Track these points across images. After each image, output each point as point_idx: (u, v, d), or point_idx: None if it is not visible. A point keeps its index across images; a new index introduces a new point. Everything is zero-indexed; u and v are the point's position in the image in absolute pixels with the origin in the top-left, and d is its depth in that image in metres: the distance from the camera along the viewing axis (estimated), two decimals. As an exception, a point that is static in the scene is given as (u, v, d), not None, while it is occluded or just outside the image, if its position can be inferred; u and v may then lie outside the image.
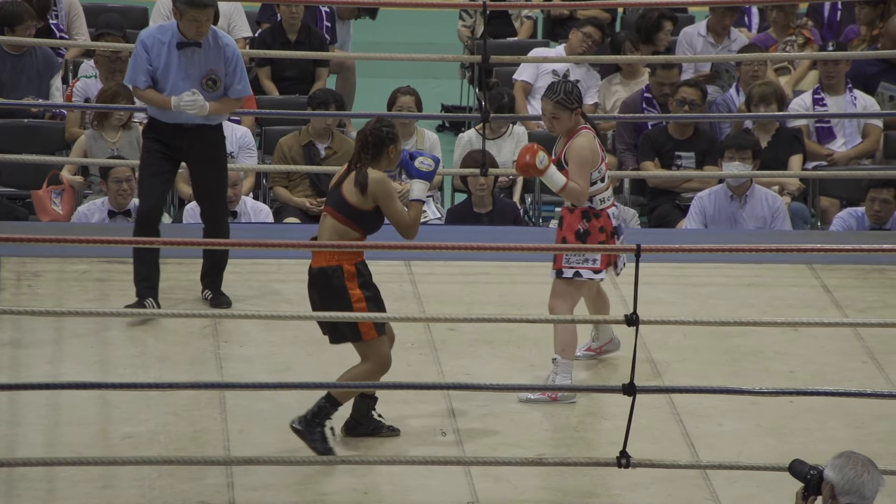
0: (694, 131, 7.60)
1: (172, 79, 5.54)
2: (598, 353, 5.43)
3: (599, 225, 5.14)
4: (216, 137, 5.69)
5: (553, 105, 5.14)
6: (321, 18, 8.78)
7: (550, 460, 4.75)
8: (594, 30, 8.05)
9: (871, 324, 5.45)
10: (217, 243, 5.69)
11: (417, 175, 4.86)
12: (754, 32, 8.76)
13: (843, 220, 7.03)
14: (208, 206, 5.70)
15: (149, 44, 5.57)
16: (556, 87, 5.18)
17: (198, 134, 5.60)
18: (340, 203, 4.79)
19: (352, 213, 4.78)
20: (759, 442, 4.95)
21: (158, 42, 5.56)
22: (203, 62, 5.55)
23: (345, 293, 4.73)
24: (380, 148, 4.81)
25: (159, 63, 5.54)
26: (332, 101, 7.58)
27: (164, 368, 5.29)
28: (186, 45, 5.53)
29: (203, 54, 5.55)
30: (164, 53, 5.54)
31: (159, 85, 5.57)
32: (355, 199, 4.77)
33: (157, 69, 5.55)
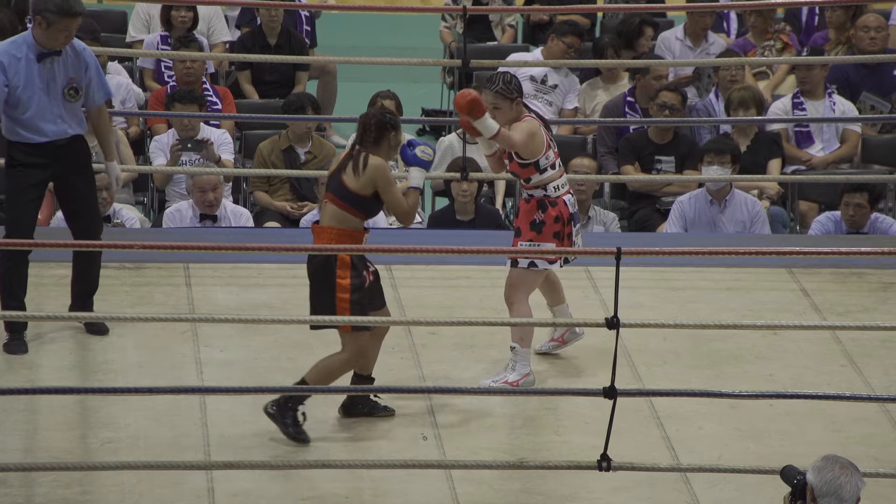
0: (674, 136, 7.62)
1: (35, 92, 5.28)
2: (562, 342, 5.45)
3: (555, 214, 5.18)
4: (87, 149, 5.45)
5: (493, 95, 5.14)
6: (301, 22, 8.78)
7: (531, 464, 4.75)
8: (575, 39, 8.08)
9: (850, 327, 5.48)
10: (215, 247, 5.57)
11: (417, 163, 4.88)
12: (733, 38, 8.80)
13: (822, 223, 7.06)
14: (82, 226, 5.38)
15: (5, 62, 5.28)
16: (494, 77, 5.17)
17: (71, 147, 5.36)
18: (340, 189, 4.80)
19: (351, 198, 4.78)
20: (738, 445, 4.97)
21: (14, 58, 5.28)
22: (64, 71, 5.33)
23: (332, 279, 4.75)
24: (381, 133, 4.82)
25: (19, 80, 5.28)
26: (309, 105, 7.58)
27: (144, 373, 5.27)
28: (46, 55, 5.30)
29: (63, 63, 5.33)
30: (23, 68, 5.28)
31: (22, 103, 5.28)
32: (355, 184, 4.78)
33: (18, 87, 5.28)
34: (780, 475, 3.73)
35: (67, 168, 5.40)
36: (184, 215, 7.02)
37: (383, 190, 4.77)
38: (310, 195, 7.51)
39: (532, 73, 8.19)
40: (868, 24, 8.02)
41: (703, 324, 5.30)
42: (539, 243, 5.14)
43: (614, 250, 4.49)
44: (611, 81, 8.22)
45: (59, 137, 5.36)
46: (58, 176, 5.42)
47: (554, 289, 5.38)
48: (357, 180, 4.77)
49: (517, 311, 5.18)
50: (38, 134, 5.34)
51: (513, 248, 5.22)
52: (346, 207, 4.80)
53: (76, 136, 5.41)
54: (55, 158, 5.37)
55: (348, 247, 4.78)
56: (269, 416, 4.82)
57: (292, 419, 4.79)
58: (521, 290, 5.18)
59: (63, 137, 5.37)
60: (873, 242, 6.60)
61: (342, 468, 4.69)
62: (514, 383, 5.19)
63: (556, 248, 5.13)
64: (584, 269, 6.06)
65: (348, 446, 4.90)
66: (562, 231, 5.18)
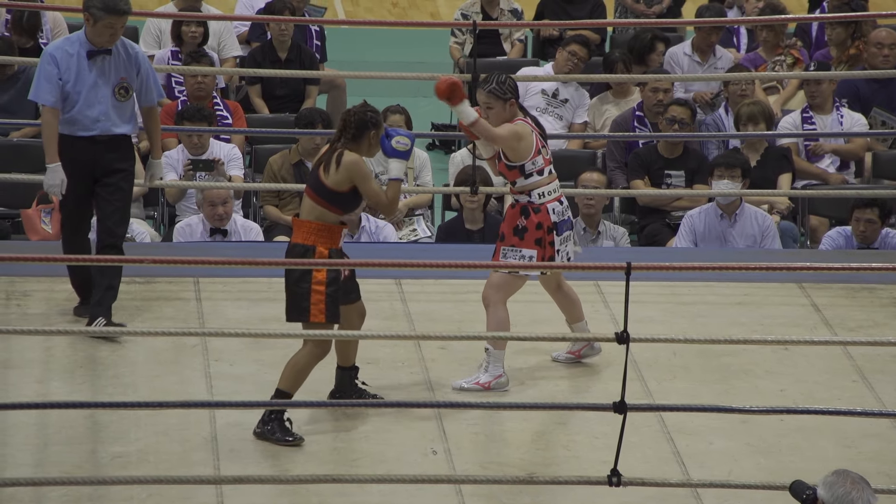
0: (683, 150, 7.62)
1: (85, 89, 5.43)
2: (578, 356, 5.45)
3: (537, 221, 5.18)
4: (131, 149, 5.58)
5: (486, 95, 5.14)
6: (311, 37, 8.81)
7: (541, 479, 4.74)
8: (579, 48, 8.09)
9: (861, 342, 5.46)
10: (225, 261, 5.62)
11: (394, 154, 4.88)
12: (743, 53, 8.81)
13: (833, 238, 7.05)
14: (107, 226, 5.49)
15: (58, 56, 5.43)
16: (489, 77, 5.17)
17: (110, 145, 5.50)
18: (317, 184, 4.85)
19: (328, 194, 4.83)
20: (749, 461, 4.95)
21: (66, 54, 5.44)
22: (114, 71, 5.46)
23: (308, 273, 4.78)
24: (361, 131, 4.84)
25: (70, 76, 5.43)
26: (320, 120, 7.60)
27: (154, 387, 5.28)
28: (97, 53, 5.45)
29: (113, 62, 5.46)
30: (75, 65, 5.43)
31: (71, 98, 5.44)
32: (331, 180, 4.81)
33: (68, 82, 5.43)
34: (790, 490, 3.72)
35: (107, 164, 5.52)
36: (194, 230, 7.03)
37: (360, 185, 4.80)
38: (320, 210, 7.51)
39: (543, 87, 8.20)
40: (881, 40, 8.02)
41: (713, 339, 5.28)
42: (521, 249, 5.15)
43: (624, 265, 4.49)
44: (620, 96, 8.23)
45: (102, 134, 5.49)
46: (98, 171, 5.53)
47: (573, 306, 5.39)
48: (333, 176, 4.80)
49: (493, 313, 5.19)
50: (81, 129, 5.48)
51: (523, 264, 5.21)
52: (323, 203, 4.84)
53: (121, 135, 5.53)
54: (96, 153, 5.50)
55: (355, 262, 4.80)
56: (258, 436, 4.84)
57: (278, 426, 4.81)
58: (501, 292, 5.19)
59: (105, 134, 5.50)
60: (884, 258, 6.58)
61: (352, 482, 4.68)
62: (485, 384, 5.22)
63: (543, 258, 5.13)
64: (594, 284, 6.06)
65: (358, 461, 4.89)
66: (543, 238, 5.17)
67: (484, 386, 5.21)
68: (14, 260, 4.56)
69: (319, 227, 4.83)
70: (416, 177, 7.72)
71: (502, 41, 9.25)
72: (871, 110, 7.98)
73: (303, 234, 4.82)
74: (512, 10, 9.25)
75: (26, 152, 7.63)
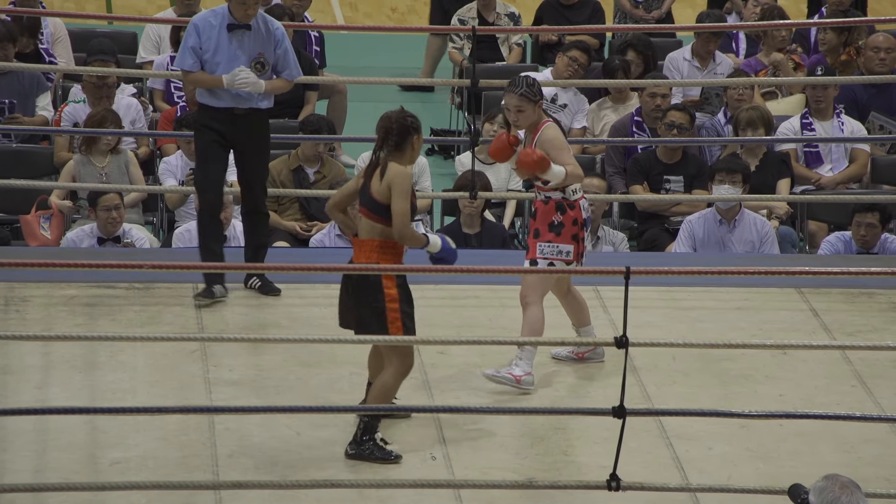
0: (682, 155, 7.63)
1: (223, 61, 5.63)
2: (581, 357, 5.47)
3: (573, 217, 5.23)
4: (266, 124, 5.77)
5: (518, 98, 5.22)
6: (310, 42, 8.81)
7: (541, 484, 4.74)
8: (580, 53, 8.10)
9: (860, 347, 5.46)
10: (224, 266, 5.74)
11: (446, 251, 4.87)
12: (741, 58, 8.82)
13: (831, 243, 7.05)
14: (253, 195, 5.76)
15: (201, 26, 5.67)
16: (517, 80, 5.24)
17: (249, 119, 5.70)
18: (369, 200, 4.77)
19: (378, 208, 4.76)
20: (748, 465, 4.95)
21: (209, 25, 5.66)
22: (252, 45, 5.64)
23: (380, 289, 4.72)
24: (404, 137, 4.74)
25: (210, 45, 5.64)
26: (325, 128, 7.60)
27: (153, 393, 5.28)
28: (237, 27, 5.65)
29: (253, 37, 5.65)
30: (215, 36, 5.64)
31: (208, 67, 5.65)
32: (380, 193, 4.75)
33: (208, 51, 5.64)
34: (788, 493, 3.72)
35: (243, 138, 5.72)
36: (193, 235, 7.03)
37: (394, 194, 4.68)
38: (319, 215, 7.52)
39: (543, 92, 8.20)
40: (878, 44, 8.02)
41: (712, 343, 5.28)
42: (558, 245, 5.19)
43: (623, 270, 4.49)
44: (619, 101, 8.24)
45: (238, 106, 5.69)
46: (234, 144, 5.73)
47: (581, 310, 5.43)
48: (380, 188, 4.73)
49: (532, 312, 5.24)
50: (218, 99, 5.68)
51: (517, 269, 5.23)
52: (378, 218, 4.74)
53: (257, 109, 5.71)
54: (232, 125, 5.70)
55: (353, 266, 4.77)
56: (352, 457, 4.80)
57: (373, 446, 4.78)
58: (538, 290, 5.23)
59: (241, 107, 5.69)
60: (883, 263, 6.58)
61: (351, 487, 4.68)
62: (517, 377, 5.24)
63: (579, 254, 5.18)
64: (594, 289, 6.06)
65: (357, 465, 4.89)
66: (579, 234, 5.24)
67: (516, 378, 5.23)
68: (13, 265, 4.56)
69: (380, 244, 4.75)
70: (415, 182, 7.73)
71: (500, 45, 9.26)
72: (869, 115, 7.99)
73: (365, 253, 4.74)
74: (509, 13, 9.26)
75: (26, 158, 7.64)
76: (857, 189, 7.72)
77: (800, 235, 7.58)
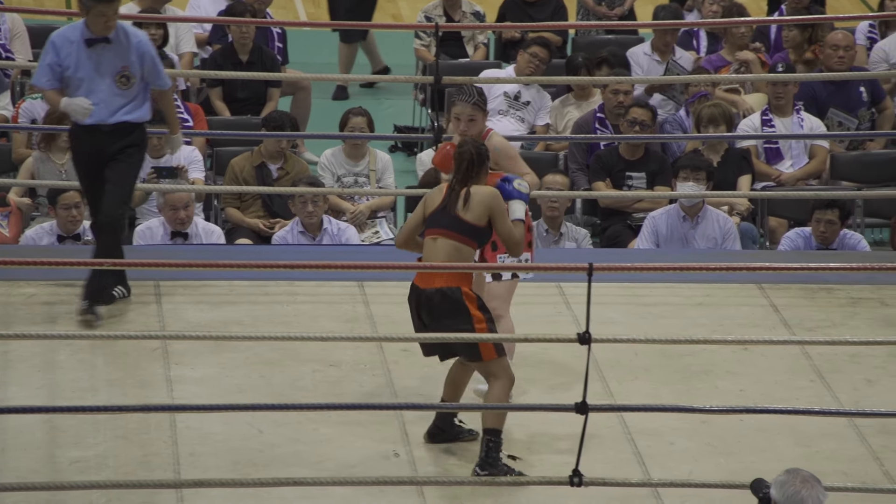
0: (644, 152, 7.66)
1: (85, 77, 5.49)
2: None
3: (528, 224, 5.24)
4: (139, 136, 5.62)
5: (472, 107, 5.22)
6: (272, 39, 8.78)
7: (503, 480, 4.75)
8: (540, 49, 8.11)
9: (819, 342, 5.51)
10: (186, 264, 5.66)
11: (518, 196, 4.93)
12: (703, 55, 8.87)
13: (791, 239, 7.11)
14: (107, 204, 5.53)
15: (58, 43, 5.51)
16: (468, 89, 5.25)
17: (117, 133, 5.55)
18: (457, 223, 4.86)
19: (471, 231, 4.86)
20: (709, 460, 4.98)
21: (67, 41, 5.51)
22: (114, 58, 5.50)
23: (466, 312, 4.81)
24: (483, 164, 4.94)
25: (70, 62, 5.49)
26: (288, 124, 7.57)
27: (114, 391, 5.24)
28: (96, 41, 5.49)
29: (114, 50, 5.50)
30: (75, 52, 5.49)
31: (72, 84, 5.51)
32: (473, 217, 4.85)
33: (69, 68, 5.49)
34: (750, 488, 3.75)
35: (111, 152, 5.56)
36: (154, 233, 6.99)
37: (500, 218, 4.87)
38: (282, 212, 7.50)
39: (505, 89, 8.21)
40: (837, 42, 8.10)
41: (674, 339, 5.32)
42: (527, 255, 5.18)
43: (586, 266, 4.51)
44: (582, 98, 8.26)
45: (103, 122, 5.53)
46: (103, 158, 5.58)
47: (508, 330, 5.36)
48: (473, 211, 4.86)
49: (505, 323, 5.21)
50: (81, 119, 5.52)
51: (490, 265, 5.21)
52: (467, 241, 4.87)
53: (125, 122, 5.56)
54: (100, 141, 5.54)
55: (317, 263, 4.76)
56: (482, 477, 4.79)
57: (506, 468, 4.78)
58: (506, 301, 5.23)
59: (106, 123, 5.53)
60: (842, 258, 6.64)
61: (313, 485, 4.66)
62: None
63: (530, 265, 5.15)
64: (556, 285, 6.08)
65: (320, 463, 4.88)
66: (532, 240, 5.25)
67: None
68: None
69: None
70: (378, 179, 7.71)
71: (465, 44, 9.26)
72: (828, 112, 8.06)
73: (444, 278, 4.82)
74: (474, 12, 9.27)
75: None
76: (816, 185, 7.79)
77: (760, 232, 7.63)
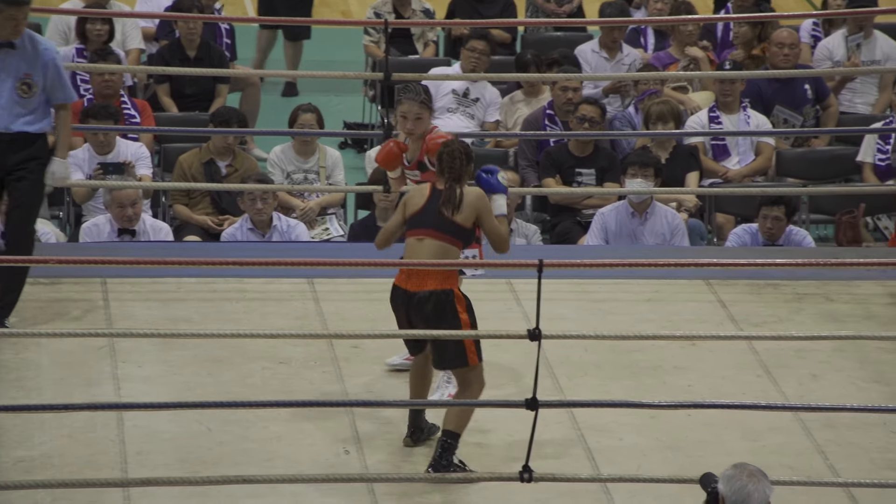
0: (594, 149, 7.70)
1: None
2: None
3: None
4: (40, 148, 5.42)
5: (419, 105, 5.19)
6: (220, 35, 8.71)
7: (453, 476, 4.75)
8: (478, 42, 8.11)
9: (765, 337, 5.56)
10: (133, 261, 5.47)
11: (500, 189, 4.92)
12: (650, 53, 8.92)
13: (738, 235, 7.18)
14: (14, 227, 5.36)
15: None
16: (414, 87, 5.22)
17: (17, 143, 5.37)
18: (445, 224, 4.83)
19: (458, 232, 4.84)
20: (658, 455, 5.01)
21: None
22: (18, 65, 5.35)
23: (456, 317, 4.80)
24: (471, 164, 4.92)
25: None
26: (235, 120, 7.52)
27: (59, 390, 5.18)
28: (1, 45, 5.34)
29: (19, 56, 5.35)
30: None
31: None
32: (461, 218, 4.84)
33: None
34: (699, 482, 3.79)
35: (11, 163, 5.37)
36: (101, 230, 6.92)
37: (487, 218, 4.85)
38: (231, 209, 7.45)
39: (454, 86, 8.21)
40: (782, 40, 8.19)
41: (623, 335, 5.34)
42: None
43: (536, 262, 4.52)
44: (532, 95, 8.28)
45: (5, 130, 5.35)
46: (3, 167, 5.38)
47: None
48: (460, 213, 4.83)
49: None
50: None
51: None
52: (452, 241, 4.84)
53: (26, 132, 5.37)
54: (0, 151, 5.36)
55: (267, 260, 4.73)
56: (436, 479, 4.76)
57: (458, 470, 4.75)
58: None
59: (7, 131, 5.35)
60: (788, 254, 6.71)
61: (263, 483, 4.64)
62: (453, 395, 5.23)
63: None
64: (507, 282, 6.09)
65: (269, 461, 4.85)
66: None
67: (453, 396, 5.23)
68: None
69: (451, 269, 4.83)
70: (328, 175, 7.69)
71: (415, 41, 9.25)
72: (774, 109, 8.15)
73: (436, 280, 4.78)
74: (424, 10, 9.26)
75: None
76: (762, 182, 7.87)
77: (708, 228, 7.70)
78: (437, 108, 8.13)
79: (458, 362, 4.83)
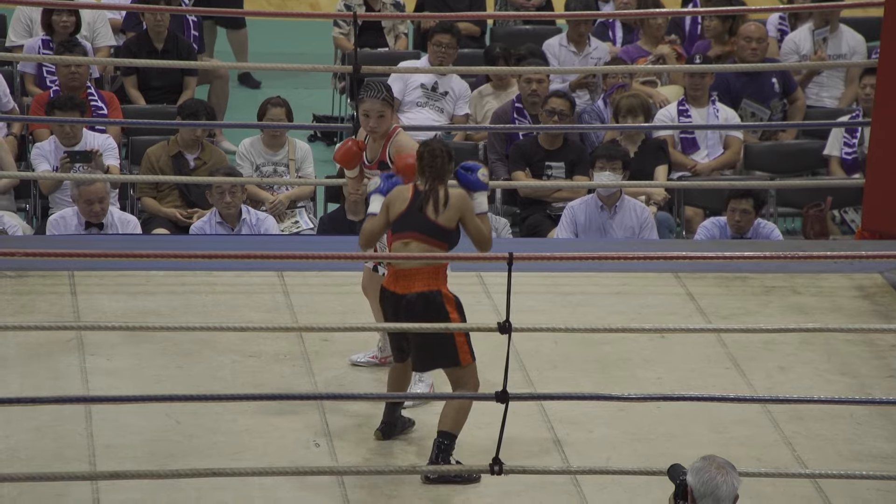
0: (563, 142, 7.72)
1: None
2: (383, 362, 5.42)
3: None
4: None
5: (381, 103, 5.16)
6: (188, 27, 8.66)
7: (423, 469, 4.75)
8: (443, 36, 8.10)
9: (734, 330, 5.60)
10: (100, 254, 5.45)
11: (481, 187, 4.85)
12: (618, 46, 8.95)
13: (707, 228, 7.22)
14: None
15: None
16: (376, 85, 5.18)
17: None
18: (430, 227, 4.78)
19: (442, 234, 4.79)
20: (627, 448, 5.04)
21: None
22: None
23: (447, 317, 4.76)
24: (452, 163, 4.86)
25: None
26: (203, 113, 7.48)
27: (26, 383, 5.14)
28: None
29: None
30: None
31: None
32: (445, 220, 4.79)
33: None
34: (667, 474, 3.81)
35: None
36: (68, 222, 6.87)
37: (469, 218, 4.80)
38: (199, 202, 7.41)
39: (422, 80, 8.20)
40: (750, 34, 8.24)
41: (592, 328, 5.36)
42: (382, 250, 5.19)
43: (506, 255, 4.52)
44: (501, 88, 8.29)
45: None
46: None
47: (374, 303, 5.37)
48: (445, 214, 4.78)
49: None
50: None
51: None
52: (439, 244, 4.79)
53: None
54: None
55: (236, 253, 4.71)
56: (432, 482, 4.72)
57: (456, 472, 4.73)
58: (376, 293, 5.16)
59: None
60: (756, 247, 6.76)
61: (232, 476, 4.63)
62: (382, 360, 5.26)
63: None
64: (477, 275, 6.10)
65: (239, 454, 4.84)
66: None
67: (381, 361, 5.24)
68: None
69: (437, 269, 4.78)
70: (297, 168, 7.66)
71: (385, 34, 9.24)
72: (741, 102, 8.20)
73: (423, 281, 4.74)
74: (394, 3, 9.24)
75: None
76: (731, 175, 7.92)
77: (677, 221, 7.73)
78: (407, 103, 8.12)
79: (449, 362, 4.80)
